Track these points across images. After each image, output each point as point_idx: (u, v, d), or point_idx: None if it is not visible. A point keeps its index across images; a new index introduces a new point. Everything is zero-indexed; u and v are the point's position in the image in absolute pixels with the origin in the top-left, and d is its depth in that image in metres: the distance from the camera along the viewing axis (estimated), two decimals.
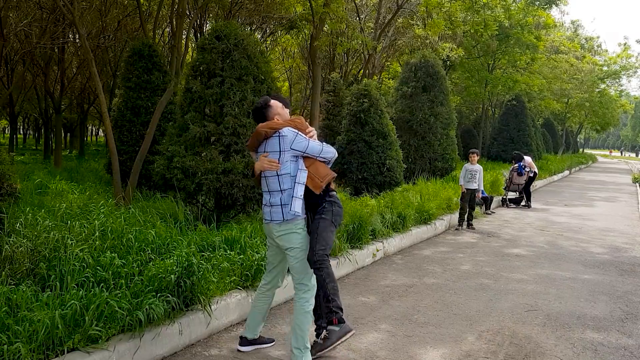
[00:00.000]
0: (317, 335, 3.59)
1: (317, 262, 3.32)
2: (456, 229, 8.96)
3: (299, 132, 3.42)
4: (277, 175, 3.39)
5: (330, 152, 3.54)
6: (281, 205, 3.37)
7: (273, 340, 3.82)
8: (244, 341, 3.71)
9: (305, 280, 3.42)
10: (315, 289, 3.46)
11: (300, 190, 3.37)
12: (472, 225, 9.12)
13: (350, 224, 6.24)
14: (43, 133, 23.35)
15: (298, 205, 3.35)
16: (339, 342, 3.45)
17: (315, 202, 3.49)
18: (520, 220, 10.32)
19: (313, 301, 3.45)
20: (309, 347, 3.39)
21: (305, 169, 3.41)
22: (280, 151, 3.37)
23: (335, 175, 3.58)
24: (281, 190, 3.38)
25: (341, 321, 3.44)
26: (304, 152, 3.42)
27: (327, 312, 3.44)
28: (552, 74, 28.13)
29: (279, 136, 3.38)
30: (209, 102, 6.06)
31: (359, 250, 6.11)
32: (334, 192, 3.58)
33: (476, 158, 9.14)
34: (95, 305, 3.22)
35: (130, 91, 8.85)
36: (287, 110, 3.64)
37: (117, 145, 7.96)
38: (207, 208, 6.52)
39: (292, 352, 3.38)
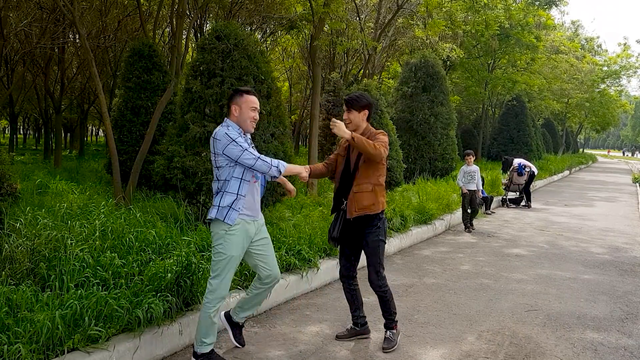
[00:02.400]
0: (354, 323, 3.98)
1: (383, 285, 3.73)
2: (467, 231, 8.88)
3: (234, 139, 3.25)
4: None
5: (246, 160, 3.26)
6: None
7: None
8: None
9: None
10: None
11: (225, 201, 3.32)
12: (472, 225, 9.12)
13: None
14: (43, 133, 23.35)
15: (229, 215, 3.30)
16: (397, 342, 3.86)
17: (367, 220, 3.67)
18: (520, 220, 10.32)
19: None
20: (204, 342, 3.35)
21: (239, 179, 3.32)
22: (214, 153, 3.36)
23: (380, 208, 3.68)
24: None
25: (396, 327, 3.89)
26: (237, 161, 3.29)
27: (389, 320, 3.85)
28: (552, 74, 28.09)
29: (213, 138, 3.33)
30: (209, 102, 6.06)
31: None
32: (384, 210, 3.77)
33: (472, 159, 9.09)
34: (94, 304, 3.22)
35: (130, 91, 8.84)
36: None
37: (117, 145, 7.95)
38: (207, 208, 6.52)
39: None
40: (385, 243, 3.75)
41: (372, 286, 3.73)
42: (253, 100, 3.39)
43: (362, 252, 3.85)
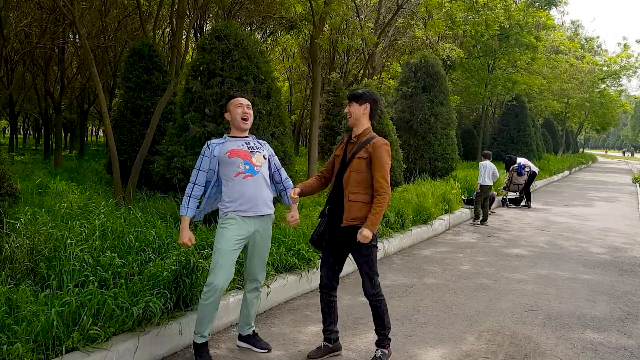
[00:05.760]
0: (326, 339, 3.70)
1: (378, 294, 3.52)
2: (475, 222, 9.74)
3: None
4: None
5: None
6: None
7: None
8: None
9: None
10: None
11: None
12: (485, 222, 9.65)
13: None
14: (43, 133, 23.35)
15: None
16: None
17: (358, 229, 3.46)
18: (520, 220, 10.32)
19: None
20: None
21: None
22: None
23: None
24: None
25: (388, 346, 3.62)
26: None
27: (382, 337, 3.58)
28: (552, 74, 28.09)
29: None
30: (209, 102, 6.06)
31: None
32: None
33: (483, 158, 10.02)
34: (91, 302, 3.21)
35: (130, 91, 8.84)
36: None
37: (117, 145, 7.95)
38: None
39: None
40: (377, 248, 3.53)
41: (366, 295, 3.52)
42: (237, 99, 3.59)
43: (346, 260, 3.68)
